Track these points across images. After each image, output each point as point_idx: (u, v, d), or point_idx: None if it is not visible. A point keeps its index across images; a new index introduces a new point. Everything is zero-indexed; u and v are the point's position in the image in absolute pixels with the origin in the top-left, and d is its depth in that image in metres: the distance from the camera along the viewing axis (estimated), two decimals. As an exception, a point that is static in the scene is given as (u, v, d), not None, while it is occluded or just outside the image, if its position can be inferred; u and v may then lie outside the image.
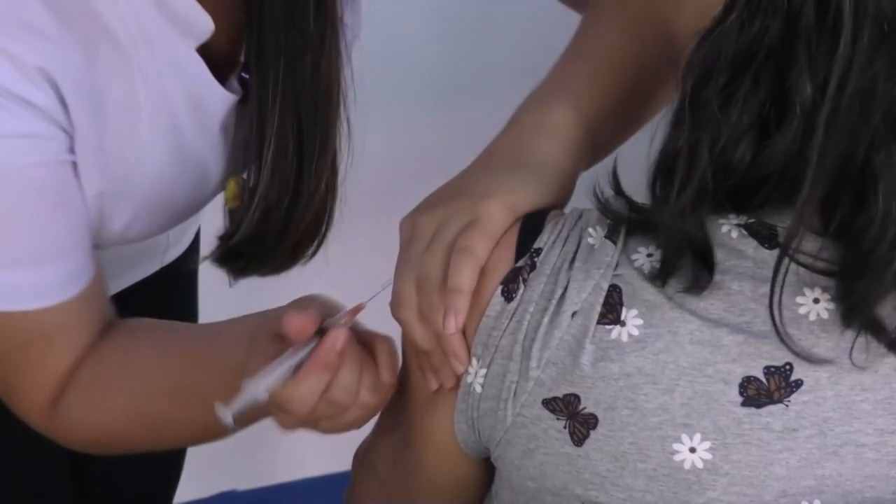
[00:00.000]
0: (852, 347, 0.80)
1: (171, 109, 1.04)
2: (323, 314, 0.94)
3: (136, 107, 1.01)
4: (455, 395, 0.91)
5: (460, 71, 2.08)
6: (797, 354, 0.81)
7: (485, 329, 0.88)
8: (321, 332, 0.93)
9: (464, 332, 0.89)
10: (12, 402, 1.07)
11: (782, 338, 0.80)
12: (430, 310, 0.90)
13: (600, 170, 0.92)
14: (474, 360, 0.89)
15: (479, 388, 0.89)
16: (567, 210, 0.94)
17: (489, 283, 0.89)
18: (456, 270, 0.89)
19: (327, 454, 1.59)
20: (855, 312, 0.80)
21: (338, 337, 0.91)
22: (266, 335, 0.96)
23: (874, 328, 0.80)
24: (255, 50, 1.05)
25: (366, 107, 1.11)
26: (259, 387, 0.90)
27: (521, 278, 0.88)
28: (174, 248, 1.40)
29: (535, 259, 0.88)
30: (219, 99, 1.06)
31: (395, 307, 0.92)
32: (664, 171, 0.82)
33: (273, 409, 0.94)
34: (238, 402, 0.90)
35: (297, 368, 0.92)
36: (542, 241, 0.89)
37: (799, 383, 0.81)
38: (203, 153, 1.09)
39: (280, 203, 1.07)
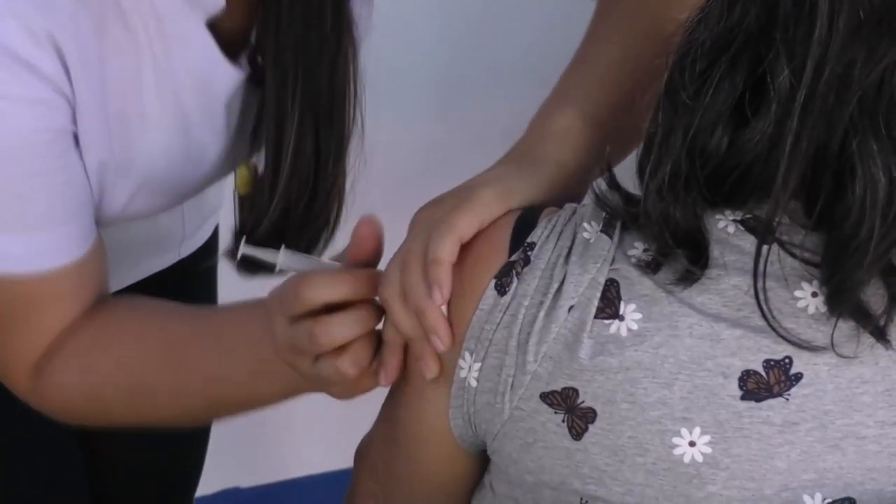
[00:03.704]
0: (833, 331, 0.80)
1: (178, 86, 1.05)
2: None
3: (141, 83, 1.02)
4: (447, 392, 0.90)
5: (465, 70, 2.08)
6: (788, 340, 0.80)
7: (478, 323, 0.88)
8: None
9: (451, 321, 0.89)
10: None
11: (765, 316, 0.80)
12: (412, 285, 0.89)
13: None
14: (467, 354, 0.88)
15: (473, 383, 0.88)
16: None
17: (482, 276, 0.88)
18: (433, 242, 0.89)
19: (331, 451, 1.59)
20: (839, 299, 0.80)
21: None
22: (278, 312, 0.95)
23: (859, 315, 0.80)
24: (274, 51, 1.07)
25: (370, 106, 1.12)
26: (284, 258, 0.94)
27: (514, 272, 0.87)
28: (191, 239, 1.41)
29: (529, 253, 0.88)
30: (226, 75, 1.07)
31: (381, 287, 0.92)
32: (645, 153, 0.83)
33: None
34: (258, 251, 0.95)
35: None
36: (535, 235, 0.88)
37: (799, 376, 0.81)
38: (204, 131, 1.10)
39: (300, 200, 1.09)
